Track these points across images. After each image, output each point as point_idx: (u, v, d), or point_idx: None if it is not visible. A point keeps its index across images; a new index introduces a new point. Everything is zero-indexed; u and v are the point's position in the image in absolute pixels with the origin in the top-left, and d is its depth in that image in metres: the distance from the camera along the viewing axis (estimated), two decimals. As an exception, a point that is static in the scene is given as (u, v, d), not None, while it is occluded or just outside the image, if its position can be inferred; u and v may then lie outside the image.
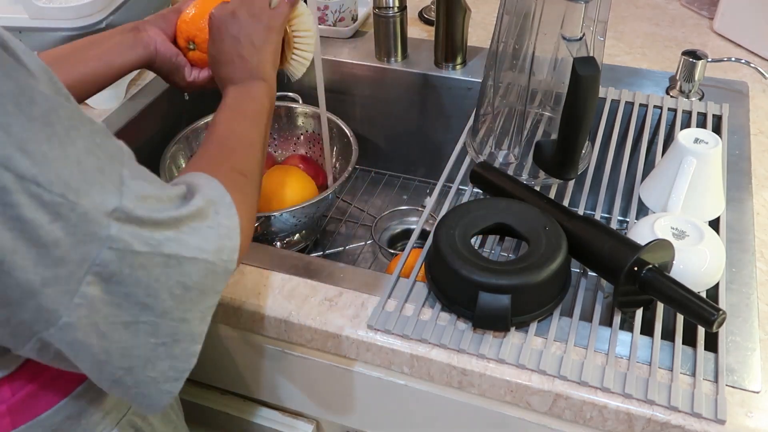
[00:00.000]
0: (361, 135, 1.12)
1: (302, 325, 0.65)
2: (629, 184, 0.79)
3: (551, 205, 0.68)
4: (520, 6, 0.73)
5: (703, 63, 0.88)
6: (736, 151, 0.83)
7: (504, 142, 0.82)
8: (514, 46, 0.76)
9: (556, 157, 0.74)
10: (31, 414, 0.49)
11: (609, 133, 0.87)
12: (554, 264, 0.61)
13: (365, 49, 1.06)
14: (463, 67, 1.01)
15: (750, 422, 0.55)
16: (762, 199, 0.77)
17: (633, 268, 0.59)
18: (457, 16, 0.94)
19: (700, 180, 0.69)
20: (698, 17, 1.12)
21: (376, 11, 0.99)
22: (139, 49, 0.71)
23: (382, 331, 0.63)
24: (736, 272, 0.67)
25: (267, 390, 0.78)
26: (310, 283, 0.69)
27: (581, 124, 0.69)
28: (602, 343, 0.61)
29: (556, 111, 0.79)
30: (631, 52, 1.03)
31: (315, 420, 0.80)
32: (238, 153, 0.57)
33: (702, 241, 0.63)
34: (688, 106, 0.89)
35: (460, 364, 0.61)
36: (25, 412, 0.49)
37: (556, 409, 0.60)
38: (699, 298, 0.56)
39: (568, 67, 0.67)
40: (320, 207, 0.88)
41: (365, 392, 0.70)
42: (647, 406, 0.56)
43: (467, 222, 0.66)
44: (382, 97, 1.07)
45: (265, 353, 0.72)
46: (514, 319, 0.60)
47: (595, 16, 0.71)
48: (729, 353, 0.60)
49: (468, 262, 0.61)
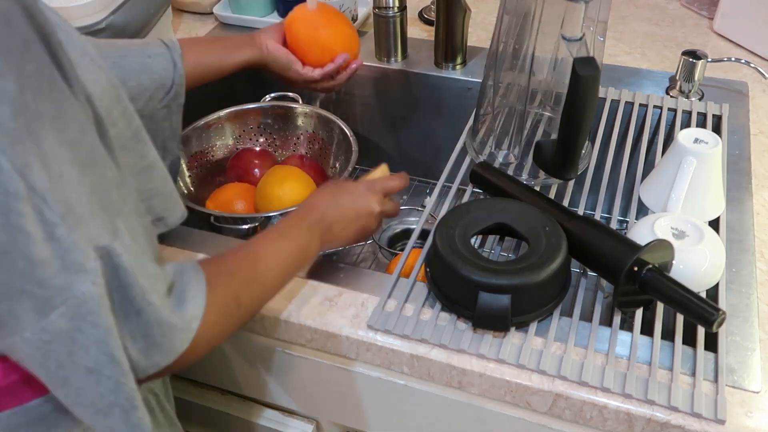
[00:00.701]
0: (361, 135, 1.12)
1: (302, 325, 0.65)
2: (629, 184, 0.79)
3: (551, 205, 0.68)
4: (520, 6, 0.73)
5: (703, 63, 0.88)
6: (736, 151, 0.83)
7: (504, 142, 0.82)
8: (514, 46, 0.76)
9: (556, 157, 0.74)
10: (18, 399, 0.49)
11: (609, 133, 0.87)
12: (554, 264, 0.61)
13: (365, 49, 1.06)
14: (463, 67, 1.01)
15: (750, 422, 0.55)
16: (762, 199, 0.77)
17: (633, 268, 0.59)
18: (457, 16, 0.94)
19: (700, 180, 0.69)
20: (698, 17, 1.12)
21: (376, 11, 0.99)
22: (254, 47, 0.81)
23: (382, 331, 0.63)
24: (736, 272, 0.67)
25: (267, 390, 0.78)
26: (310, 283, 0.69)
27: (581, 124, 0.69)
28: (602, 343, 0.61)
29: (556, 111, 0.79)
30: (631, 52, 1.03)
31: (315, 420, 0.80)
32: (244, 278, 0.56)
33: (702, 241, 0.63)
34: (688, 106, 0.89)
35: (460, 364, 0.61)
36: (14, 396, 0.49)
37: (556, 409, 0.60)
38: (699, 298, 0.56)
39: (568, 67, 0.67)
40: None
41: (365, 392, 0.70)
42: (647, 406, 0.56)
43: (467, 222, 0.66)
44: (382, 97, 1.07)
45: (265, 353, 0.72)
46: (514, 319, 0.60)
47: (595, 16, 0.71)
48: (729, 353, 0.60)
49: (468, 262, 0.61)
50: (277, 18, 1.13)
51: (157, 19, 1.03)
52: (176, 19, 1.17)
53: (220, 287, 0.52)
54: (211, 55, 0.78)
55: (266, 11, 1.14)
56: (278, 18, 1.13)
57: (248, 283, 0.56)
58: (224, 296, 0.52)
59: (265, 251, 0.59)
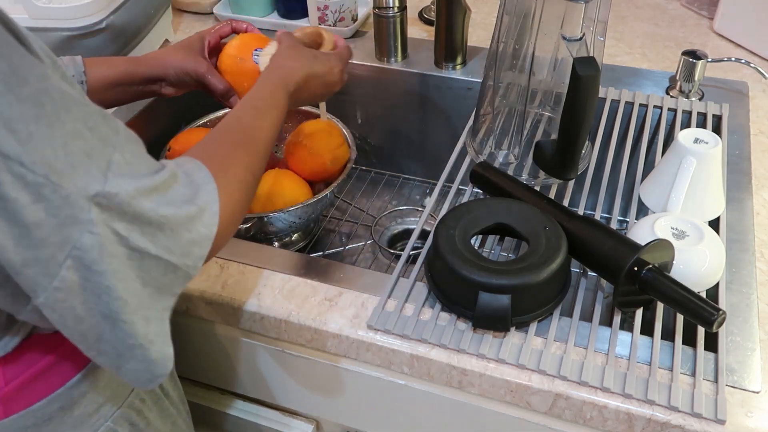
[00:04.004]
0: (361, 135, 1.12)
1: (302, 325, 0.65)
2: (629, 184, 0.79)
3: (551, 205, 0.68)
4: (520, 6, 0.73)
5: (703, 63, 0.88)
6: (736, 151, 0.83)
7: (504, 142, 0.82)
8: (514, 46, 0.76)
9: (556, 157, 0.74)
10: (24, 403, 0.49)
11: (609, 133, 0.87)
12: (554, 264, 0.61)
13: (365, 49, 1.06)
14: (463, 67, 1.01)
15: (750, 422, 0.55)
16: (762, 199, 0.77)
17: (633, 268, 0.59)
18: (457, 16, 0.94)
19: (700, 180, 0.69)
20: (698, 17, 1.12)
21: (376, 11, 0.99)
22: (155, 64, 0.76)
23: (382, 331, 0.63)
24: (736, 272, 0.67)
25: (267, 390, 0.78)
26: (310, 283, 0.69)
27: (581, 124, 0.69)
28: (602, 343, 0.61)
29: (556, 111, 0.79)
30: (631, 52, 1.03)
31: (315, 420, 0.80)
32: (252, 149, 0.57)
33: (702, 241, 0.63)
34: (688, 106, 0.89)
35: (460, 364, 0.61)
36: (19, 401, 0.49)
37: (556, 409, 0.60)
38: (699, 298, 0.56)
39: (568, 67, 0.67)
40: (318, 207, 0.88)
41: (365, 392, 0.70)
42: (647, 406, 0.56)
43: (467, 222, 0.66)
44: (382, 97, 1.07)
45: (265, 353, 0.72)
46: (514, 319, 0.60)
47: (595, 16, 0.71)
48: (729, 353, 0.60)
49: (468, 262, 0.61)
50: (277, 18, 1.13)
51: (157, 19, 1.03)
52: (176, 19, 1.17)
53: (234, 166, 0.52)
54: (119, 68, 0.75)
55: (266, 11, 1.14)
56: (278, 18, 1.13)
57: (256, 155, 0.57)
58: (240, 172, 0.53)
59: (258, 123, 0.60)
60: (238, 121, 0.59)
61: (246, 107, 0.61)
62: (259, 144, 0.58)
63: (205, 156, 0.51)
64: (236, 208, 0.51)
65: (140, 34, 0.98)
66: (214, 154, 0.53)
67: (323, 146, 0.89)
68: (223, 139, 0.56)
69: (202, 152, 0.52)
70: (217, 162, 0.51)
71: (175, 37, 1.12)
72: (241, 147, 0.56)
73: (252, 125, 0.59)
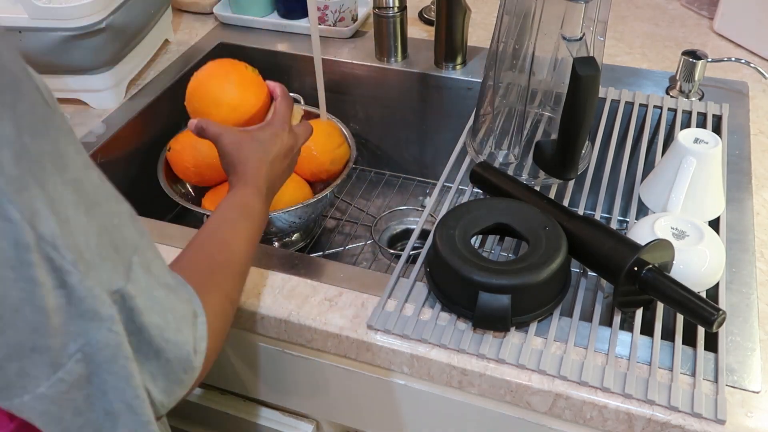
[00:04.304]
0: (361, 135, 1.12)
1: (302, 325, 0.65)
2: (629, 184, 0.79)
3: (551, 205, 0.68)
4: (520, 6, 0.73)
5: (703, 63, 0.88)
6: (736, 151, 0.83)
7: (504, 142, 0.82)
8: (514, 46, 0.76)
9: (556, 157, 0.74)
10: None
11: (609, 133, 0.87)
12: (554, 264, 0.61)
13: (365, 49, 1.06)
14: (463, 67, 1.01)
15: (750, 422, 0.55)
16: (762, 199, 0.77)
17: (633, 268, 0.59)
18: (457, 16, 0.94)
19: (700, 180, 0.69)
20: (698, 17, 1.12)
21: (376, 11, 0.99)
22: None
23: (382, 331, 0.63)
24: (736, 272, 0.67)
25: (267, 390, 0.78)
26: (310, 283, 0.69)
27: (581, 124, 0.69)
28: (602, 343, 0.61)
29: (556, 111, 0.79)
30: (631, 52, 1.03)
31: (315, 420, 0.80)
32: (228, 274, 0.55)
33: (702, 241, 0.63)
34: (688, 106, 0.89)
35: (460, 364, 0.61)
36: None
37: (556, 409, 0.60)
38: (699, 298, 0.56)
39: (568, 67, 0.67)
40: (318, 207, 0.88)
41: (365, 392, 0.70)
42: (647, 406, 0.56)
43: (467, 222, 0.66)
44: (382, 97, 1.07)
45: (265, 353, 0.72)
46: (514, 319, 0.60)
47: (595, 16, 0.71)
48: (729, 353, 0.60)
49: (468, 262, 0.61)
50: (277, 18, 1.13)
51: (157, 19, 1.03)
52: (176, 19, 1.17)
53: (211, 293, 0.51)
54: None
55: (266, 11, 1.13)
56: (278, 18, 1.13)
57: (233, 278, 0.56)
58: (219, 301, 0.51)
59: (234, 238, 0.59)
60: (213, 237, 0.58)
61: (220, 219, 0.60)
62: (236, 265, 0.57)
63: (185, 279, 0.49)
64: (217, 338, 0.50)
65: (140, 34, 0.98)
66: (190, 279, 0.50)
67: (323, 146, 0.89)
68: (199, 259, 0.55)
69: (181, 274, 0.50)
70: (195, 288, 0.49)
71: (175, 37, 1.12)
72: (217, 270, 0.54)
73: (228, 241, 0.58)
